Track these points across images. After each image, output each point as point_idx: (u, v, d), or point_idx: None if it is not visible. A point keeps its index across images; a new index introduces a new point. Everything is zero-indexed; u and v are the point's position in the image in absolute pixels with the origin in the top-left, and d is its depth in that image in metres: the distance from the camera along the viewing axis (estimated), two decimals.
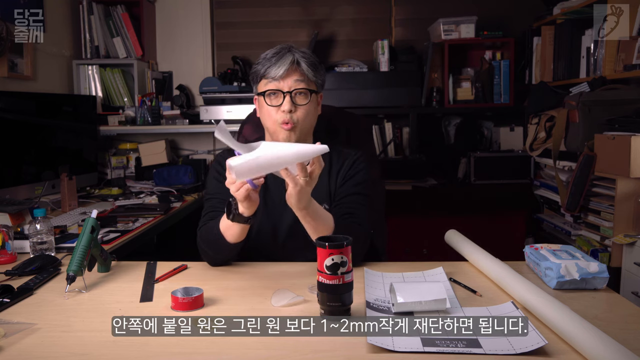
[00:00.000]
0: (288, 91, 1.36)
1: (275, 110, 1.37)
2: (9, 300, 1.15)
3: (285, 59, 1.36)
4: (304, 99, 1.37)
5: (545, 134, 2.58)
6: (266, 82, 1.38)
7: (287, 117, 1.35)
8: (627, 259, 1.97)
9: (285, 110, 1.35)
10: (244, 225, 1.28)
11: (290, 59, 1.36)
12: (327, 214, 1.31)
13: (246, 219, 1.25)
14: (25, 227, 1.73)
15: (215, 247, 1.36)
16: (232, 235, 1.31)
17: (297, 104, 1.37)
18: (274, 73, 1.35)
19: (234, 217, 1.25)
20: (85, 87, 3.08)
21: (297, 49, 1.40)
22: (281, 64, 1.35)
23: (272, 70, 1.35)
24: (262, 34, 3.39)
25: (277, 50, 1.39)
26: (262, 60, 1.39)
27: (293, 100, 1.36)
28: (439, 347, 0.89)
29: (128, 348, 0.93)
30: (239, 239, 1.32)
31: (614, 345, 0.83)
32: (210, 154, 3.34)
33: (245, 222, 1.26)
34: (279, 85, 1.36)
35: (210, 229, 1.36)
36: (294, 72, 1.36)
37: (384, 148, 3.18)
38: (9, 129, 2.28)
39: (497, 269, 1.23)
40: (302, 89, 1.37)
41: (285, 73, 1.35)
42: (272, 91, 1.37)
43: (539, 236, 2.84)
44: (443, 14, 3.09)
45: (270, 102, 1.38)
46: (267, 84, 1.38)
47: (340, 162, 1.48)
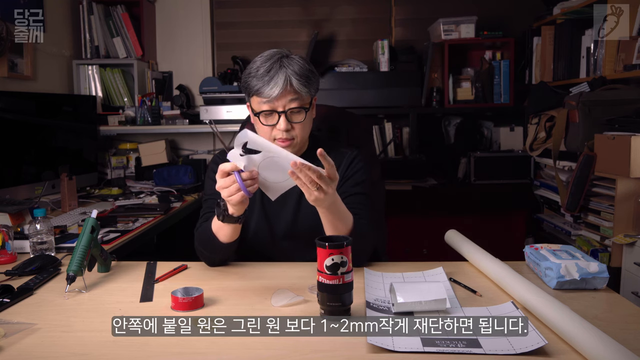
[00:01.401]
0: (283, 111, 1.33)
1: (271, 129, 1.36)
2: (9, 300, 1.15)
3: (278, 78, 1.31)
4: (299, 116, 1.35)
5: (545, 134, 2.58)
6: (259, 101, 1.34)
7: (284, 135, 1.35)
8: (627, 259, 1.97)
9: (282, 129, 1.34)
10: (235, 225, 1.28)
11: (283, 78, 1.31)
12: (349, 213, 1.30)
13: (237, 219, 1.26)
14: (25, 227, 1.73)
15: (210, 248, 1.36)
16: (225, 235, 1.31)
17: (292, 121, 1.35)
18: (267, 94, 1.31)
19: (224, 218, 1.26)
20: (85, 87, 3.08)
21: (288, 59, 1.35)
22: (274, 85, 1.31)
23: (265, 90, 1.31)
24: (262, 34, 3.39)
25: (268, 65, 1.33)
26: (254, 74, 1.34)
27: (288, 119, 1.34)
28: (439, 347, 0.89)
29: (128, 348, 0.93)
30: (232, 238, 1.32)
31: (614, 345, 0.83)
32: (210, 154, 3.34)
33: (236, 221, 1.26)
34: (273, 105, 1.33)
35: (204, 230, 1.37)
36: (287, 93, 1.32)
37: (384, 148, 3.18)
38: (9, 129, 2.28)
39: (497, 269, 1.23)
40: (297, 108, 1.34)
41: (279, 94, 1.31)
42: (267, 112, 1.34)
43: (539, 236, 2.84)
44: (443, 14, 3.09)
45: (265, 122, 1.36)
46: (260, 104, 1.34)
47: (337, 163, 1.47)
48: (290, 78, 1.32)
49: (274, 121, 1.35)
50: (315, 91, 1.41)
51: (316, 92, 1.42)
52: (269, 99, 1.32)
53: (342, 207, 1.27)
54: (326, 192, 1.15)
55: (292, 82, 1.32)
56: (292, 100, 1.33)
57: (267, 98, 1.32)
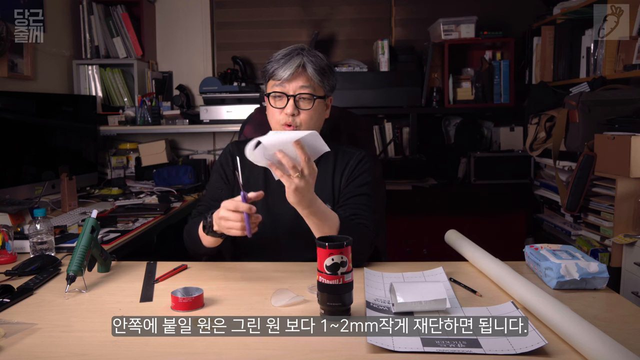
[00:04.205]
0: (292, 95, 1.37)
1: (279, 112, 1.39)
2: (9, 300, 1.15)
3: (293, 62, 1.36)
4: (307, 103, 1.38)
5: (545, 134, 2.58)
6: (273, 84, 1.40)
7: (289, 119, 1.37)
8: (627, 259, 1.97)
9: (288, 113, 1.37)
10: (218, 238, 1.33)
11: (298, 62, 1.36)
12: (333, 213, 1.31)
13: (220, 234, 1.29)
14: (25, 227, 1.73)
15: (195, 245, 1.41)
16: (208, 242, 1.36)
17: (300, 108, 1.38)
18: (280, 75, 1.37)
19: (208, 232, 1.30)
20: (85, 87, 3.08)
21: (309, 51, 1.40)
22: (288, 67, 1.36)
23: (279, 72, 1.37)
24: (262, 34, 3.39)
25: (287, 52, 1.40)
26: (273, 60, 1.40)
27: (297, 104, 1.37)
28: (439, 347, 0.89)
29: (128, 348, 0.93)
30: (215, 245, 1.37)
31: (614, 345, 0.83)
32: (210, 154, 3.34)
33: (219, 237, 1.31)
34: (285, 88, 1.38)
35: (193, 227, 1.41)
36: (299, 76, 1.37)
37: (384, 148, 3.18)
38: (9, 129, 2.28)
39: (497, 269, 1.23)
40: (306, 94, 1.37)
41: (290, 76, 1.36)
42: (277, 93, 1.39)
43: (539, 236, 2.84)
44: (443, 14, 3.08)
45: (274, 104, 1.40)
46: (273, 86, 1.40)
47: (344, 162, 1.48)
48: (305, 64, 1.37)
49: (283, 104, 1.38)
50: (330, 89, 1.44)
51: (331, 91, 1.45)
52: (281, 81, 1.37)
53: (324, 206, 1.29)
54: (307, 180, 1.16)
55: (306, 68, 1.37)
56: (303, 86, 1.37)
57: (279, 80, 1.37)
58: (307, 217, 1.27)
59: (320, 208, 1.26)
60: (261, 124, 1.72)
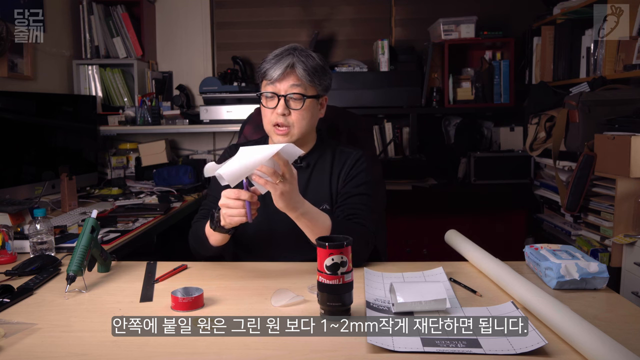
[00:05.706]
0: (283, 95, 1.38)
1: (271, 112, 1.40)
2: (9, 300, 1.15)
3: (283, 62, 1.37)
4: (297, 103, 1.39)
5: (545, 134, 2.58)
6: (265, 84, 1.41)
7: (280, 119, 1.38)
8: (627, 259, 1.97)
9: (279, 113, 1.38)
10: (225, 234, 1.32)
11: (287, 62, 1.37)
12: (323, 214, 1.31)
13: (227, 230, 1.29)
14: (25, 227, 1.73)
15: (202, 246, 1.40)
16: (215, 240, 1.35)
17: (291, 108, 1.39)
18: (270, 75, 1.38)
19: (216, 228, 1.30)
20: (85, 87, 3.08)
21: (301, 51, 1.40)
22: (278, 67, 1.37)
23: (270, 72, 1.38)
24: (262, 34, 3.39)
25: (280, 52, 1.40)
26: (266, 60, 1.41)
27: (287, 104, 1.38)
28: (439, 347, 0.89)
29: (128, 348, 0.93)
30: (222, 243, 1.36)
31: (614, 345, 0.83)
32: (210, 154, 3.34)
33: (227, 232, 1.31)
34: (276, 88, 1.38)
35: (198, 228, 1.41)
36: (289, 76, 1.38)
37: (384, 148, 3.18)
38: (9, 129, 2.28)
39: (497, 269, 1.23)
40: (296, 94, 1.37)
41: (280, 76, 1.37)
42: (268, 93, 1.39)
43: (539, 236, 2.84)
44: (443, 14, 3.09)
45: (266, 104, 1.41)
46: (265, 86, 1.41)
47: (341, 162, 1.48)
48: (295, 64, 1.37)
49: (274, 104, 1.39)
50: (323, 89, 1.44)
51: (325, 91, 1.44)
52: (272, 81, 1.38)
53: (313, 208, 1.29)
54: (291, 182, 1.17)
55: (296, 68, 1.37)
56: (294, 85, 1.38)
57: (270, 80, 1.38)
58: (297, 219, 1.27)
59: (309, 209, 1.27)
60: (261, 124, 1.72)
